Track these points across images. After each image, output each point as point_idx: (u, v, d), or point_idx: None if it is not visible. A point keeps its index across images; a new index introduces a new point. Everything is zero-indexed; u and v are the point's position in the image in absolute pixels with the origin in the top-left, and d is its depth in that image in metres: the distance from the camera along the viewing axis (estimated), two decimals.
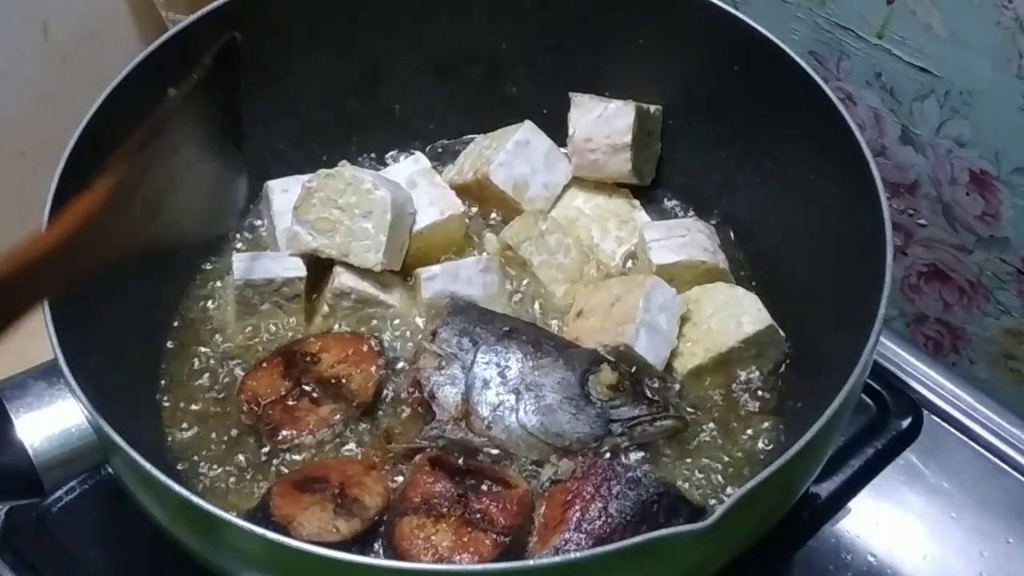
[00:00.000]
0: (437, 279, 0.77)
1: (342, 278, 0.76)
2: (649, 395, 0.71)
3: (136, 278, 0.75)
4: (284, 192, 0.80)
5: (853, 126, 0.68)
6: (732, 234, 0.82)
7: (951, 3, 0.75)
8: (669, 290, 0.75)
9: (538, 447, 0.69)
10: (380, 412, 0.73)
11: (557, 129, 0.86)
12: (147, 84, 0.73)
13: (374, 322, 0.78)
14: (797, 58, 0.72)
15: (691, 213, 0.85)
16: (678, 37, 0.80)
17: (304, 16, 0.81)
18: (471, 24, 0.84)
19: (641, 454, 0.71)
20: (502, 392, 0.70)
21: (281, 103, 0.83)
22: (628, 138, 0.81)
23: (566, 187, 0.84)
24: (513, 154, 0.82)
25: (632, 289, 0.74)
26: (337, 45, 0.83)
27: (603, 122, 0.82)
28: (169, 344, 0.77)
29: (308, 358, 0.74)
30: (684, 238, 0.78)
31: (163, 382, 0.75)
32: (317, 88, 0.84)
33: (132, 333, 0.75)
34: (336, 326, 0.77)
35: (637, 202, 0.84)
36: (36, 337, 0.62)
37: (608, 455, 0.70)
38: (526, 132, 0.83)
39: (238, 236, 0.83)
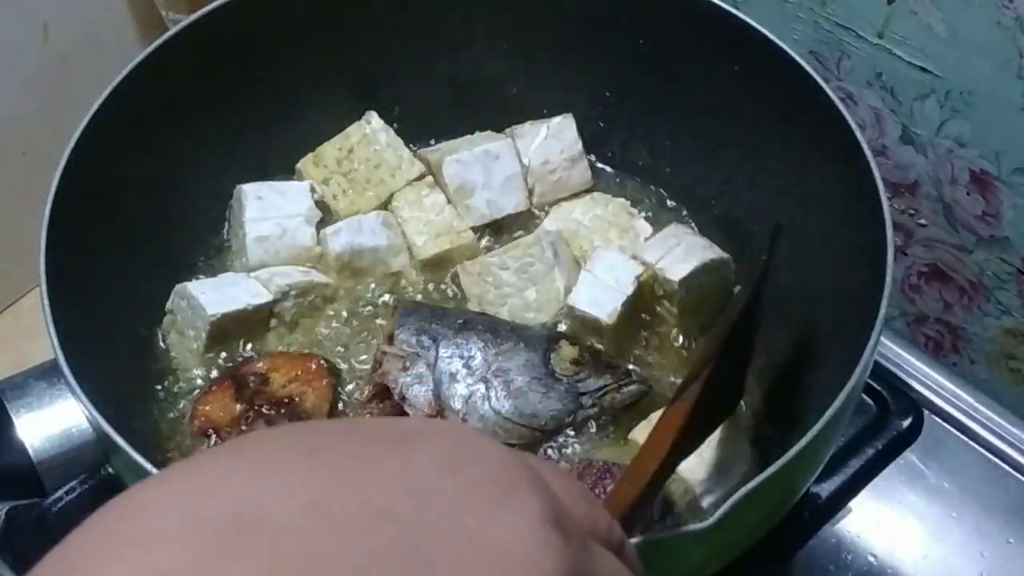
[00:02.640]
0: (342, 233, 0.79)
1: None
2: (611, 364, 0.73)
3: (138, 279, 0.75)
4: (259, 199, 0.79)
5: (853, 126, 0.68)
6: (732, 234, 0.82)
7: (952, 3, 0.75)
8: (620, 255, 0.75)
9: (516, 431, 0.70)
10: None
11: None
12: (147, 84, 0.73)
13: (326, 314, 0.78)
14: (797, 58, 0.72)
15: (685, 213, 0.85)
16: (678, 37, 0.80)
17: (303, 16, 0.81)
18: (471, 24, 0.84)
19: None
20: (471, 383, 0.71)
21: (279, 103, 0.83)
22: (579, 146, 0.83)
23: (562, 200, 0.84)
24: (476, 159, 0.81)
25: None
26: (336, 46, 0.83)
27: (552, 140, 0.82)
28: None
29: (257, 379, 0.73)
30: (680, 246, 0.78)
31: (163, 382, 0.75)
32: (315, 89, 0.84)
33: (133, 333, 0.75)
34: (287, 333, 0.77)
35: (636, 210, 0.83)
36: (36, 337, 0.62)
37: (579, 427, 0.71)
38: (501, 148, 0.82)
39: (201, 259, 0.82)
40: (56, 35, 0.89)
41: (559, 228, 0.81)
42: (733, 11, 0.75)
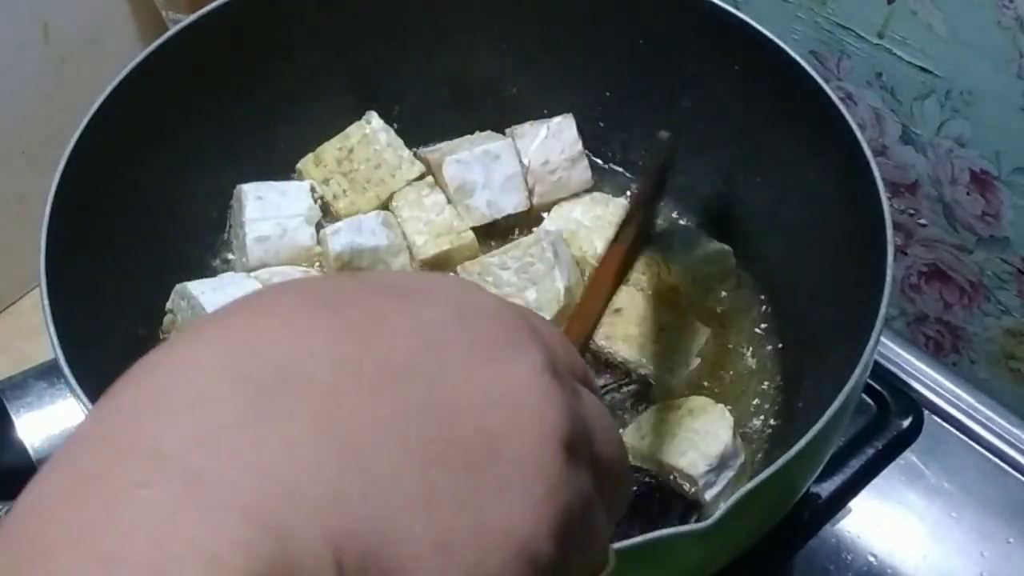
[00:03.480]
0: (342, 232, 0.78)
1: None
2: (612, 363, 0.73)
3: (138, 279, 0.75)
4: (259, 199, 0.79)
5: (853, 126, 0.68)
6: (732, 234, 0.82)
7: (952, 3, 0.75)
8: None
9: None
10: None
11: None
12: (147, 84, 0.73)
13: None
14: (797, 58, 0.72)
15: (686, 213, 0.85)
16: (678, 37, 0.80)
17: (303, 16, 0.81)
18: (471, 23, 0.84)
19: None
20: None
21: (279, 103, 0.83)
22: (579, 146, 0.83)
23: (563, 200, 0.84)
24: (476, 159, 0.81)
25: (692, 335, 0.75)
26: (336, 46, 0.83)
27: (552, 140, 0.82)
28: None
29: None
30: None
31: None
32: (315, 89, 0.84)
33: (133, 333, 0.75)
34: None
35: None
36: (36, 337, 0.62)
37: None
38: (501, 148, 0.82)
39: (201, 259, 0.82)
40: (56, 35, 0.89)
41: (559, 228, 0.81)
42: (733, 11, 0.75)
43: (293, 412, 0.27)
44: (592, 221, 0.82)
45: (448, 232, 0.81)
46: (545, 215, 0.84)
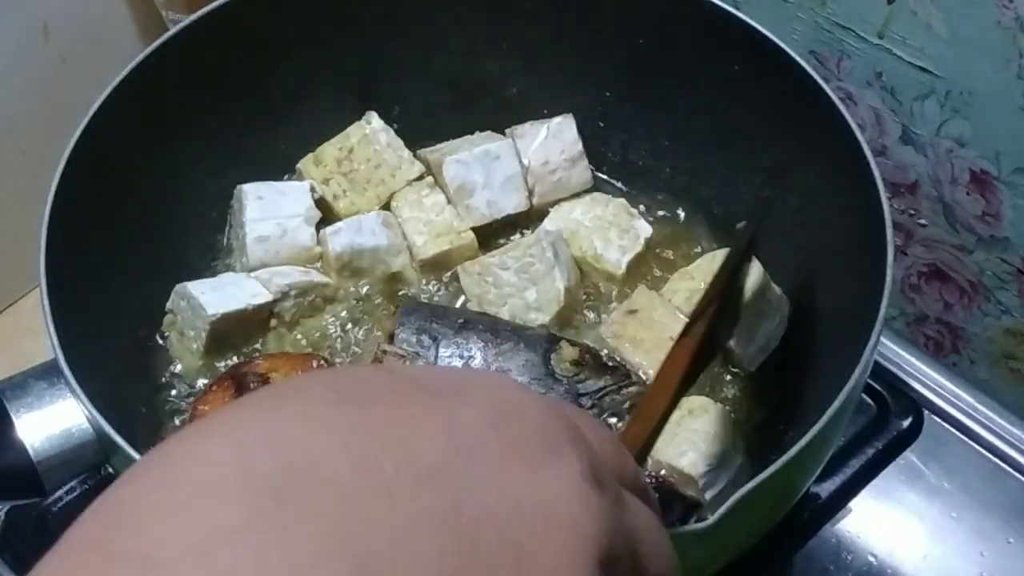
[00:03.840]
0: (342, 233, 0.79)
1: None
2: (611, 365, 0.73)
3: (138, 279, 0.75)
4: (259, 199, 0.79)
5: (853, 126, 0.68)
6: (732, 234, 0.82)
7: (952, 3, 0.75)
8: None
9: None
10: None
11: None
12: (147, 84, 0.73)
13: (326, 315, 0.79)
14: (797, 58, 0.72)
15: (686, 213, 0.85)
16: (678, 37, 0.80)
17: (303, 16, 0.81)
18: (471, 24, 0.84)
19: None
20: None
21: (279, 103, 0.83)
22: (579, 146, 0.83)
23: (563, 200, 0.84)
24: (476, 159, 0.81)
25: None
26: (336, 46, 0.83)
27: (552, 140, 0.83)
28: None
29: (257, 379, 0.72)
30: None
31: (163, 381, 0.75)
32: (315, 89, 0.84)
33: (133, 333, 0.75)
34: (287, 333, 0.77)
35: (635, 211, 0.83)
36: (36, 337, 0.62)
37: None
38: (501, 148, 0.82)
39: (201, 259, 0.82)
40: (56, 35, 0.89)
41: (559, 228, 0.81)
42: (733, 11, 0.75)
43: (302, 519, 0.25)
44: (592, 221, 0.82)
45: (448, 232, 0.81)
46: (546, 215, 0.83)
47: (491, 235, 0.83)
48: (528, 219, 0.84)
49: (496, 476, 0.27)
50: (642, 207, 0.85)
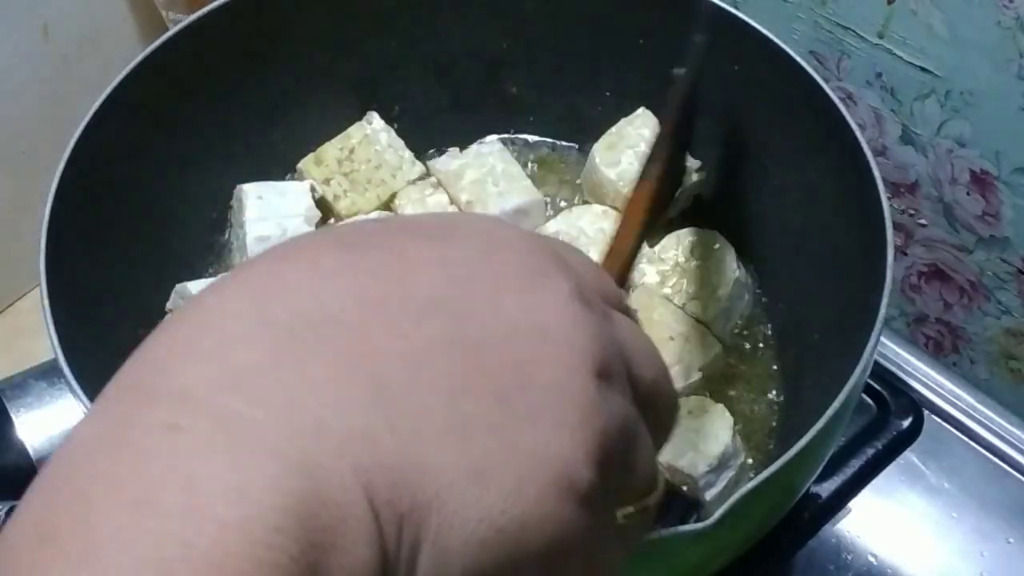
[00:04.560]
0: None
1: None
2: None
3: (138, 279, 0.75)
4: (259, 199, 0.79)
5: (853, 126, 0.68)
6: (732, 234, 0.82)
7: (952, 3, 0.75)
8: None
9: None
10: None
11: (556, 130, 0.86)
12: (147, 84, 0.73)
13: None
14: (797, 58, 0.72)
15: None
16: (678, 37, 0.79)
17: (303, 16, 0.81)
18: (471, 23, 0.84)
19: None
20: None
21: (279, 103, 0.83)
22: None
23: (573, 205, 0.84)
24: (507, 217, 0.81)
25: (700, 349, 0.74)
26: (336, 45, 0.83)
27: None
28: None
29: None
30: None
31: None
32: (315, 89, 0.84)
33: (133, 333, 0.75)
34: None
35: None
36: (36, 337, 0.62)
37: None
38: (532, 204, 0.82)
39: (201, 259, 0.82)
40: (56, 35, 0.89)
41: (559, 230, 0.81)
42: (733, 11, 0.75)
43: (319, 352, 0.27)
44: (595, 233, 0.81)
45: None
46: (551, 216, 0.83)
47: None
48: (541, 211, 0.83)
49: (492, 302, 0.29)
50: None
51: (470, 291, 0.29)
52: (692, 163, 0.80)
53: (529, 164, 0.88)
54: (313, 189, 0.82)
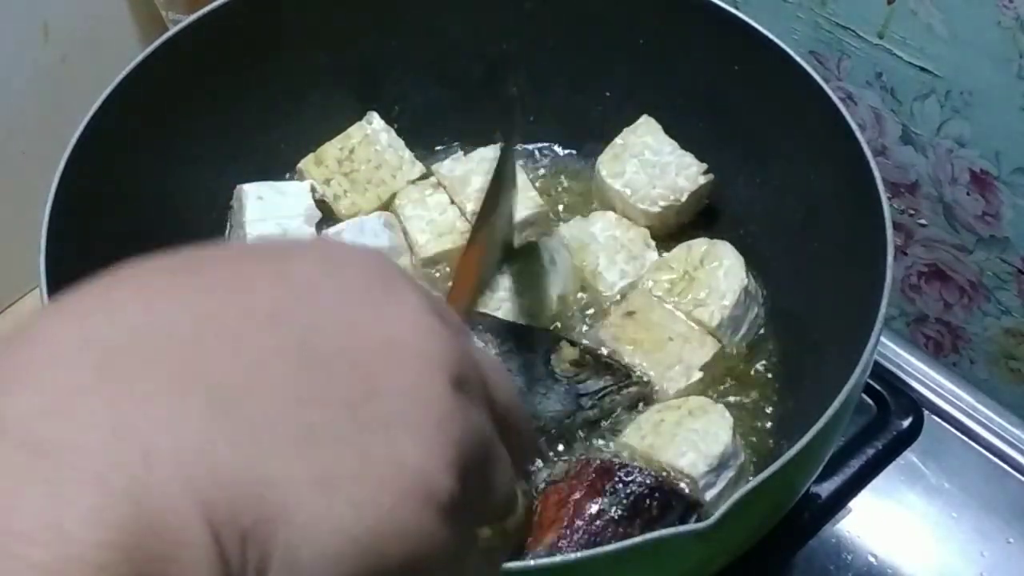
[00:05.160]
0: (344, 234, 0.79)
1: None
2: (611, 365, 0.73)
3: None
4: (259, 199, 0.79)
5: (853, 126, 0.68)
6: (732, 233, 0.82)
7: (952, 3, 0.75)
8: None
9: None
10: None
11: (557, 129, 0.86)
12: (147, 84, 0.73)
13: None
14: (797, 58, 0.72)
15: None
16: (678, 37, 0.80)
17: (303, 16, 0.81)
18: (471, 24, 0.84)
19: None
20: None
21: (279, 103, 0.83)
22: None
23: (591, 210, 0.83)
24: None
25: (699, 349, 0.75)
26: (336, 45, 0.83)
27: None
28: None
29: None
30: None
31: None
32: (315, 89, 0.84)
33: None
34: None
35: (653, 243, 0.81)
36: None
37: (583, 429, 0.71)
38: (539, 216, 0.81)
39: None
40: (56, 35, 0.89)
41: (571, 236, 0.81)
42: (733, 11, 0.75)
43: (150, 369, 0.25)
44: (606, 240, 0.81)
45: (451, 231, 0.81)
46: (562, 221, 0.83)
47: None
48: (546, 221, 0.83)
49: (339, 315, 0.28)
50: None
51: (315, 305, 0.28)
52: (699, 166, 0.80)
53: (529, 167, 0.88)
54: (313, 189, 0.82)
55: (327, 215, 0.82)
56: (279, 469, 0.25)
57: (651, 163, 0.81)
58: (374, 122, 0.84)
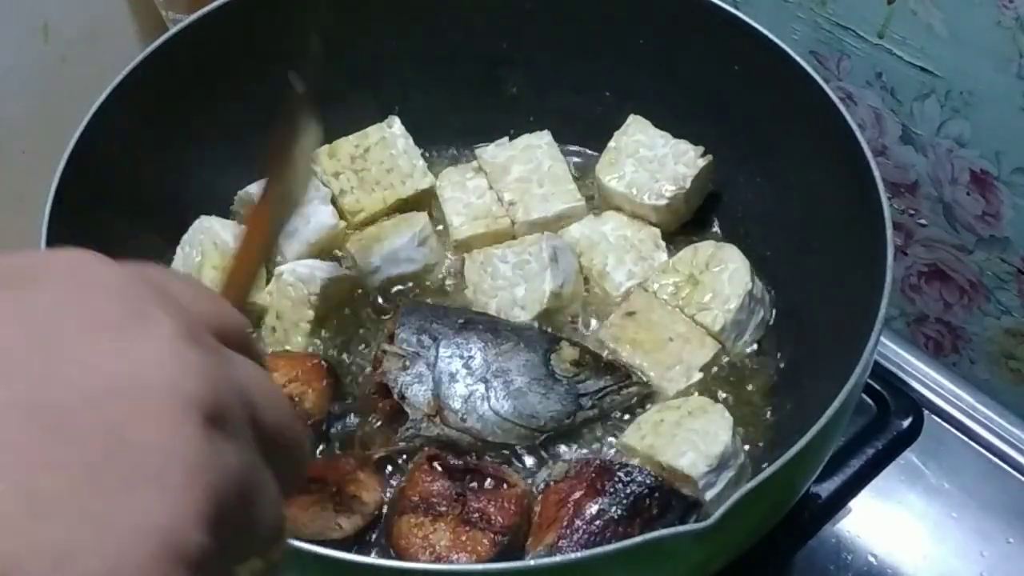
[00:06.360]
0: (381, 270, 0.80)
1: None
2: (611, 365, 0.73)
3: None
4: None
5: (853, 126, 0.68)
6: (732, 234, 0.82)
7: (952, 3, 0.75)
8: None
9: (515, 431, 0.70)
10: (332, 431, 0.72)
11: (557, 129, 0.86)
12: (147, 84, 0.73)
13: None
14: (797, 58, 0.72)
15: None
16: (678, 37, 0.80)
17: (302, 16, 0.81)
18: (471, 24, 0.84)
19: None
20: (470, 383, 0.71)
21: (276, 104, 0.83)
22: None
23: (601, 210, 0.84)
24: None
25: (699, 349, 0.75)
26: (336, 45, 0.83)
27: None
28: None
29: None
30: None
31: None
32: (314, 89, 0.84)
33: None
34: (286, 333, 0.78)
35: (664, 244, 0.81)
36: None
37: (583, 428, 0.72)
38: (575, 210, 0.83)
39: None
40: (56, 35, 0.89)
41: (582, 234, 0.81)
42: (733, 11, 0.75)
43: None
44: (616, 239, 0.81)
45: (486, 216, 0.81)
46: (594, 214, 0.84)
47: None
48: (583, 215, 0.83)
49: (80, 355, 0.26)
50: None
51: (53, 346, 0.26)
52: (695, 150, 0.80)
53: None
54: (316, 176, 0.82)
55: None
56: (21, 545, 0.23)
57: (648, 159, 0.81)
58: (394, 126, 0.84)
